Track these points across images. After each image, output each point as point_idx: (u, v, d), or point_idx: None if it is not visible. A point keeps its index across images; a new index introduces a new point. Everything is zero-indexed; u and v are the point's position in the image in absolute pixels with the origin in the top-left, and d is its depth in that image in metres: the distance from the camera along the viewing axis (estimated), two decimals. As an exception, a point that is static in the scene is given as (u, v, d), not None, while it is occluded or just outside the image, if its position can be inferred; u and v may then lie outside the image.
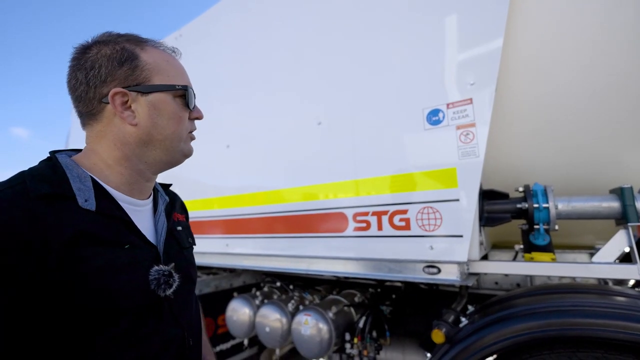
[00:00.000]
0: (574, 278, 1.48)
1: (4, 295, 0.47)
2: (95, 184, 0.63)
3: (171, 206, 0.83)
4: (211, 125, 2.10)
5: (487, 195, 1.34)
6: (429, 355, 1.32)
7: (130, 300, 0.59)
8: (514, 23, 1.20)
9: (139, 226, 0.66)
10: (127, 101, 0.65)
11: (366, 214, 1.42)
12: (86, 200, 0.59)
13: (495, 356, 1.14)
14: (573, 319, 0.95)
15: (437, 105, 1.28)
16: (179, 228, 0.80)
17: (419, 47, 1.34)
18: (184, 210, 0.91)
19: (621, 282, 1.56)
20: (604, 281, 1.47)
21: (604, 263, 1.07)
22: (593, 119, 1.26)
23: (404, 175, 1.35)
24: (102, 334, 0.55)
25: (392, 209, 1.36)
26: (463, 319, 1.25)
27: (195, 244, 0.87)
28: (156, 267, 0.65)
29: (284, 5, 1.79)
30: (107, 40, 0.66)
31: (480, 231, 1.25)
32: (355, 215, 1.46)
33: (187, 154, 0.74)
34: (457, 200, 1.21)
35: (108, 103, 0.64)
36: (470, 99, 1.22)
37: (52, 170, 0.60)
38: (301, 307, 1.86)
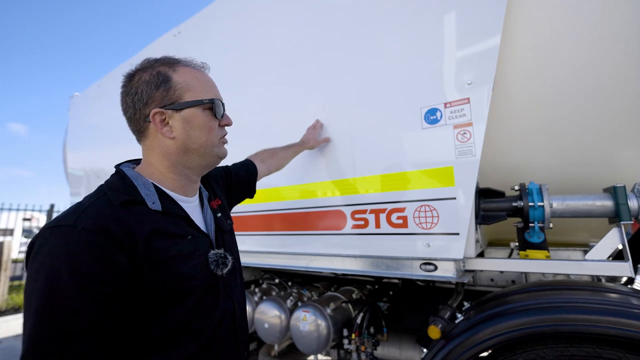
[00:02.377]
0: (568, 275, 1.50)
1: (107, 282, 0.59)
2: (157, 188, 0.76)
3: (213, 194, 0.96)
4: (210, 123, 2.10)
5: (483, 194, 1.35)
6: (425, 350, 1.34)
7: (196, 281, 0.72)
8: (512, 22, 1.21)
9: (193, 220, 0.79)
10: (165, 118, 0.76)
11: (364, 211, 1.44)
12: (153, 203, 0.72)
13: (490, 351, 1.17)
14: (566, 315, 0.97)
15: (434, 104, 1.29)
16: (219, 215, 0.91)
17: (418, 46, 1.35)
18: (217, 182, 1.05)
19: (614, 279, 1.59)
20: (597, 278, 1.49)
21: (596, 260, 1.09)
22: (589, 118, 1.28)
23: (401, 173, 1.36)
24: (175, 310, 0.68)
25: (389, 207, 1.37)
26: (459, 315, 1.27)
27: (232, 222, 1.01)
28: (213, 251, 0.79)
29: (283, 3, 1.79)
30: (146, 66, 0.78)
31: (476, 229, 1.27)
32: (353, 213, 1.47)
33: (222, 156, 0.85)
34: (454, 198, 1.23)
35: (150, 122, 0.76)
36: (468, 99, 1.23)
37: (123, 182, 0.74)
38: (300, 304, 1.88)
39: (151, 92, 0.75)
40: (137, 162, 0.84)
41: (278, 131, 1.77)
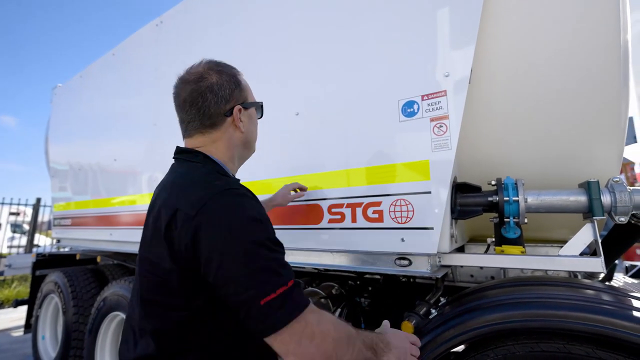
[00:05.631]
0: (546, 271, 1.49)
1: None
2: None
3: None
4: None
5: (460, 189, 1.33)
6: (400, 346, 1.32)
7: None
8: (490, 13, 1.18)
9: None
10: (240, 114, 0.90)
11: (341, 205, 1.41)
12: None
13: (464, 346, 1.15)
14: (535, 310, 0.95)
15: (412, 96, 1.27)
16: None
17: (395, 38, 1.32)
18: None
19: (592, 275, 1.58)
20: (574, 274, 1.49)
21: (569, 256, 1.08)
22: (568, 113, 1.26)
23: (378, 167, 1.34)
24: None
25: (366, 201, 1.35)
26: (433, 311, 1.26)
27: None
28: None
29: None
30: (221, 69, 0.88)
31: (451, 224, 1.25)
32: (330, 207, 1.45)
33: (254, 151, 1.03)
34: (429, 192, 1.20)
35: (228, 116, 0.87)
36: (445, 91, 1.20)
37: (226, 173, 0.86)
38: (279, 299, 1.85)
39: (231, 90, 0.86)
40: (188, 150, 0.87)
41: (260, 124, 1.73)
